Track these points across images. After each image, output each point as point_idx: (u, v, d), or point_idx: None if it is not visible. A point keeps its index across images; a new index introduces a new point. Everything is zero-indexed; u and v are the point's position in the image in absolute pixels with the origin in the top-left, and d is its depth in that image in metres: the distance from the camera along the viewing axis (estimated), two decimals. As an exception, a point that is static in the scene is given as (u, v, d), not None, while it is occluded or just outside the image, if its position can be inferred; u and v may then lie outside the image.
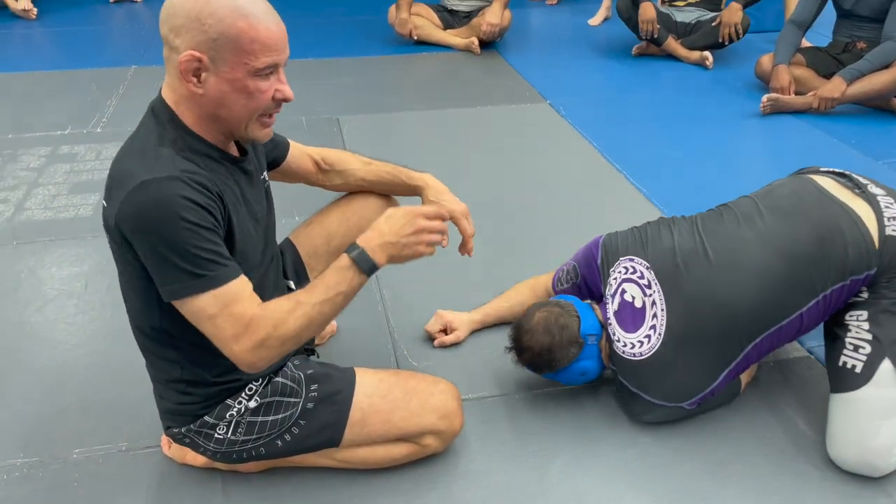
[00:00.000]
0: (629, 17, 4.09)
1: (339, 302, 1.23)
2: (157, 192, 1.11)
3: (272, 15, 1.17)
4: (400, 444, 1.47)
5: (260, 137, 1.25)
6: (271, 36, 1.15)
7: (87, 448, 1.57)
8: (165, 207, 1.11)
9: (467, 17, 4.45)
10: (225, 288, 1.15)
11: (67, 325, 1.97)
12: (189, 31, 1.12)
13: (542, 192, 2.69)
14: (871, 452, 1.47)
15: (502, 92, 3.73)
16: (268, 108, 1.21)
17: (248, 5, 1.14)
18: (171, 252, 1.12)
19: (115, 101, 3.55)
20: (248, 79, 1.16)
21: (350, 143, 3.09)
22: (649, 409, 1.60)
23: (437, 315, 1.93)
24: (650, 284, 1.58)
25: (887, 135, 3.19)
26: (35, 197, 2.65)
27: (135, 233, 1.14)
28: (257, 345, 1.17)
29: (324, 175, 1.64)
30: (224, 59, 1.13)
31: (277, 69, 1.19)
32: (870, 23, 3.30)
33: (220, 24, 1.11)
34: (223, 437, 1.37)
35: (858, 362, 1.49)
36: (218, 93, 1.16)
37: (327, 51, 4.35)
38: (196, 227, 1.13)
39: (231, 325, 1.16)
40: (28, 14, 5.00)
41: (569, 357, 1.60)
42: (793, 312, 1.51)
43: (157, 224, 1.11)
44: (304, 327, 1.20)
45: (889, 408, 1.47)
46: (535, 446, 1.59)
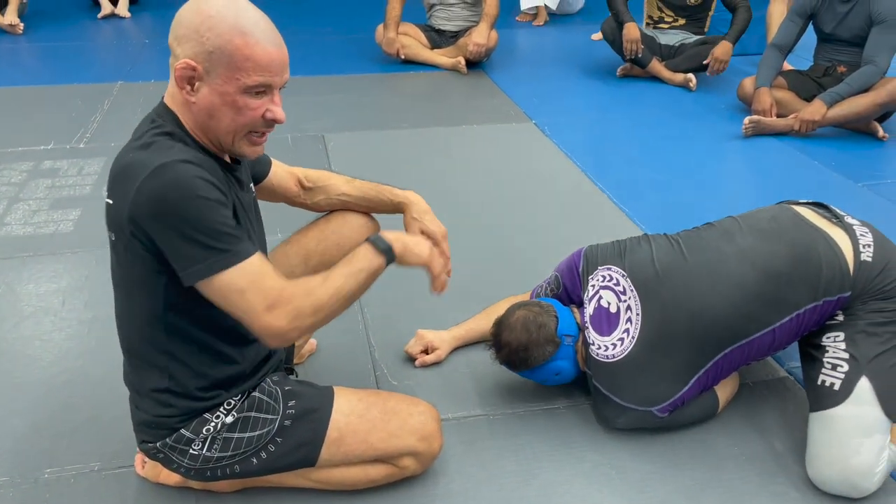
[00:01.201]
0: (613, 39, 4.13)
1: (363, 280, 1.27)
2: (173, 174, 1.14)
3: (273, 37, 1.20)
4: (377, 466, 1.46)
5: (247, 154, 1.28)
6: (267, 57, 1.18)
7: (59, 467, 1.55)
8: (184, 187, 1.13)
9: (454, 37, 4.49)
10: (250, 261, 1.18)
11: (43, 342, 1.95)
12: (189, 41, 1.16)
13: (526, 211, 2.70)
14: (852, 471, 1.47)
15: (488, 111, 3.75)
16: (256, 126, 1.24)
17: (248, 25, 1.17)
18: (194, 231, 1.14)
19: (99, 116, 3.53)
20: (237, 94, 1.18)
21: (335, 160, 3.09)
22: (620, 412, 1.61)
23: (417, 335, 1.92)
24: (625, 291, 1.62)
25: (867, 157, 3.23)
26: (15, 212, 2.63)
27: (154, 218, 1.14)
28: (291, 314, 1.19)
29: (306, 193, 1.64)
30: (217, 73, 1.17)
31: (271, 90, 1.22)
32: (850, 47, 3.35)
33: (218, 38, 1.15)
34: (198, 453, 1.36)
35: (837, 380, 1.51)
36: (208, 103, 1.19)
37: (314, 68, 4.36)
38: (215, 204, 1.16)
39: (263, 297, 1.17)
40: (14, 29, 4.99)
41: (544, 355, 1.62)
42: (765, 327, 1.55)
43: (177, 204, 1.13)
44: (334, 297, 1.23)
45: (869, 426, 1.48)
46: (514, 466, 1.58)
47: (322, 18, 5.70)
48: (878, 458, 1.48)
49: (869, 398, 1.48)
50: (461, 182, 2.94)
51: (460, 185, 2.90)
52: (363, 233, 1.66)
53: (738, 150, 3.33)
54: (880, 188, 2.91)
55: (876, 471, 1.48)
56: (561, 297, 1.80)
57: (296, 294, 1.20)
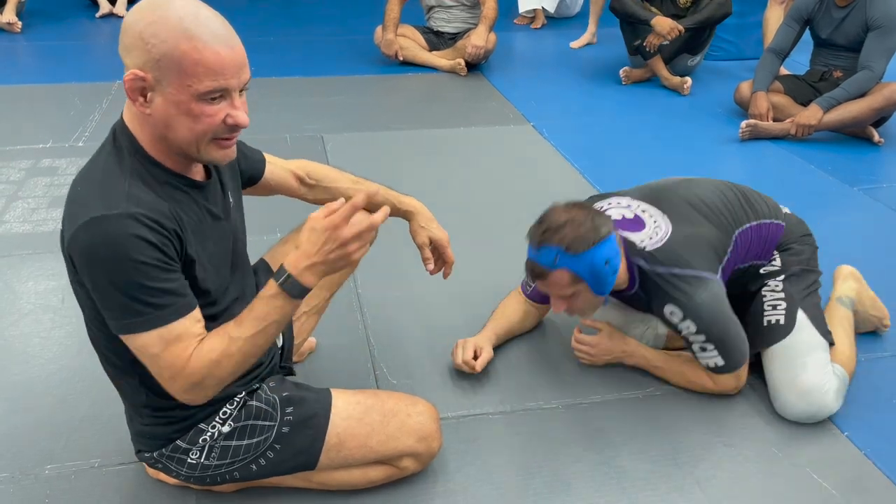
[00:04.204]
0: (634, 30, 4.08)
1: (273, 331, 1.21)
2: (107, 230, 1.09)
3: (224, 37, 1.10)
4: (377, 467, 1.46)
5: (218, 159, 1.19)
6: (219, 60, 1.09)
7: (59, 464, 1.55)
8: (115, 247, 1.09)
9: (453, 39, 4.50)
10: (169, 328, 1.14)
11: (43, 339, 1.95)
12: (135, 50, 1.09)
13: (524, 213, 2.70)
14: (805, 387, 1.67)
15: (486, 113, 3.77)
16: (218, 133, 1.15)
17: (194, 27, 1.08)
18: (117, 290, 1.11)
19: (98, 115, 3.53)
20: (192, 102, 1.10)
21: (334, 160, 3.10)
22: (699, 284, 1.63)
23: (460, 344, 1.85)
24: (631, 205, 1.80)
25: (862, 161, 3.25)
26: (14, 210, 2.63)
27: (84, 267, 1.12)
28: (194, 385, 1.18)
29: (308, 189, 1.61)
30: (168, 80, 1.09)
31: (228, 93, 1.13)
32: (846, 52, 3.38)
33: (164, 45, 1.07)
34: (196, 461, 1.35)
35: (780, 316, 1.75)
36: (164, 114, 1.12)
37: (313, 69, 4.36)
38: (145, 267, 1.10)
39: (170, 366, 1.16)
40: (12, 27, 4.98)
41: (594, 230, 1.56)
42: (747, 221, 1.80)
43: (106, 262, 1.09)
44: (240, 363, 1.20)
45: (810, 345, 1.71)
46: (513, 466, 1.59)
47: (321, 20, 5.70)
48: (824, 372, 1.69)
49: (806, 325, 1.73)
50: (459, 183, 2.95)
51: (458, 187, 2.91)
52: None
53: (735, 154, 3.35)
54: (876, 192, 2.93)
55: (825, 385, 1.67)
56: None
57: (199, 367, 1.16)
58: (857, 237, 2.59)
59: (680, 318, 1.65)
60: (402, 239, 1.73)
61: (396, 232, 1.84)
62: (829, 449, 1.65)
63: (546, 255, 1.57)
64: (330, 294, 1.75)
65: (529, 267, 1.64)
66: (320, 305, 1.74)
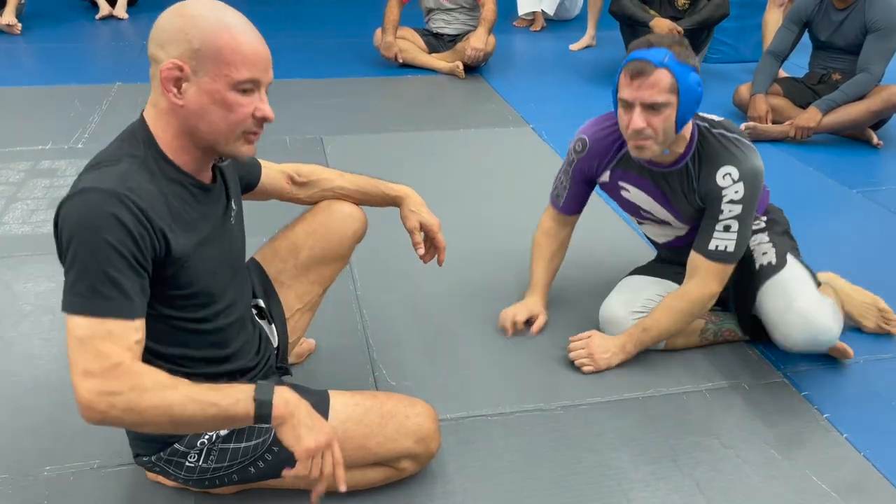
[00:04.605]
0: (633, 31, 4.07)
1: (210, 413, 1.11)
2: (90, 201, 1.09)
3: (257, 35, 1.19)
4: (375, 468, 1.46)
5: (243, 154, 1.24)
6: (254, 51, 1.17)
7: (59, 465, 1.55)
8: (91, 218, 1.08)
9: (452, 42, 4.50)
10: (104, 321, 1.08)
11: (43, 340, 1.95)
12: (173, 43, 1.14)
13: (524, 215, 2.71)
14: (803, 311, 1.70)
15: (486, 116, 3.77)
16: (248, 126, 1.20)
17: (233, 21, 1.16)
18: (75, 262, 1.09)
19: (97, 117, 3.54)
20: (227, 91, 1.16)
21: (333, 162, 3.10)
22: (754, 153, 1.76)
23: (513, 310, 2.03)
24: None
25: (861, 164, 3.26)
26: (13, 211, 2.63)
27: (61, 235, 1.12)
28: (103, 394, 1.06)
29: (299, 188, 1.64)
30: (205, 70, 1.14)
31: (259, 87, 1.19)
32: (845, 55, 3.38)
33: (204, 34, 1.13)
34: (194, 465, 1.35)
35: (771, 258, 1.83)
36: (198, 105, 1.16)
37: (313, 71, 4.37)
38: (110, 250, 1.08)
39: (90, 358, 1.07)
40: (12, 29, 4.98)
41: (692, 60, 1.67)
42: None
43: (78, 231, 1.08)
44: (160, 411, 1.08)
45: (802, 277, 1.79)
46: (511, 467, 1.59)
47: (320, 22, 5.71)
48: (819, 297, 1.74)
49: (796, 262, 1.83)
50: (459, 185, 2.95)
51: (458, 189, 2.92)
52: (350, 223, 1.67)
53: (734, 156, 3.35)
54: (875, 194, 2.94)
55: (822, 307, 1.72)
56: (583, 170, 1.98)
57: (122, 378, 1.07)
58: (855, 239, 2.59)
59: (733, 181, 1.72)
60: (402, 241, 1.73)
61: (395, 234, 1.84)
62: (829, 451, 1.65)
63: (657, 54, 1.64)
64: (322, 290, 1.75)
65: (634, 65, 1.65)
66: (313, 301, 1.73)
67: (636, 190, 1.91)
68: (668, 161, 1.80)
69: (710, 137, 1.78)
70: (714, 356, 1.95)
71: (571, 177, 2.00)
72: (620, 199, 1.98)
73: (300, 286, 1.68)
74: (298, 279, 1.67)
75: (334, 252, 1.68)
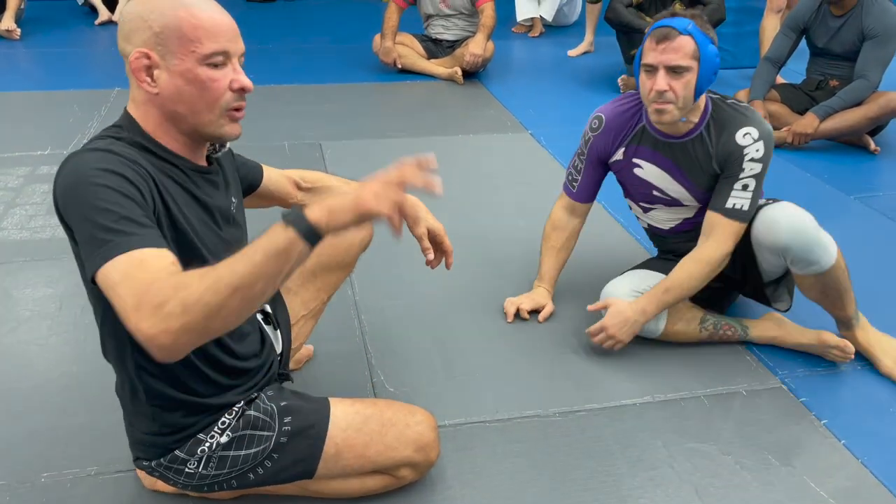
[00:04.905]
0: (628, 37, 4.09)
1: (258, 260, 1.00)
2: (77, 161, 1.11)
3: (217, 6, 1.18)
4: (374, 476, 1.46)
5: (228, 133, 1.22)
6: (215, 23, 1.16)
7: (56, 472, 1.55)
8: (79, 174, 1.09)
9: (451, 47, 4.52)
10: (131, 254, 1.02)
11: (40, 346, 1.95)
12: (135, 32, 1.15)
13: (522, 221, 2.72)
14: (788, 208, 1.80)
15: (484, 121, 3.78)
16: (228, 101, 1.19)
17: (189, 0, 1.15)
18: (83, 220, 1.06)
19: (96, 122, 3.54)
20: (198, 68, 1.15)
21: (332, 168, 3.11)
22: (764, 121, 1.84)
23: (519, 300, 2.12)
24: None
25: (859, 170, 3.26)
26: (12, 217, 2.63)
27: (61, 206, 1.11)
28: (155, 310, 0.97)
29: (304, 194, 1.64)
30: (172, 52, 1.14)
31: (230, 58, 1.18)
32: (842, 61, 3.39)
33: (162, 17, 1.14)
34: (194, 471, 1.35)
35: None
36: (173, 88, 1.16)
37: (312, 77, 4.38)
38: (106, 189, 1.07)
39: (131, 292, 0.99)
40: (11, 34, 4.99)
41: (712, 33, 1.78)
42: None
43: (72, 191, 1.08)
44: (212, 288, 0.98)
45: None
46: (510, 474, 1.59)
47: (319, 28, 5.72)
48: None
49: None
50: (457, 191, 2.95)
51: (456, 194, 2.92)
52: (357, 232, 1.66)
53: (732, 162, 3.35)
54: (872, 201, 2.94)
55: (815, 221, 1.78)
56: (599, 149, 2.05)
57: (163, 287, 0.98)
58: (852, 245, 2.59)
59: (754, 140, 1.80)
60: (400, 247, 1.73)
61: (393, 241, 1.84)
62: (827, 457, 1.65)
63: (681, 22, 1.76)
64: (327, 297, 1.75)
65: (660, 31, 1.76)
66: (317, 309, 1.74)
67: (650, 165, 1.95)
68: (683, 131, 1.87)
69: (722, 105, 1.87)
70: (711, 361, 1.95)
71: (587, 157, 2.07)
72: (633, 180, 2.01)
73: (306, 293, 1.68)
74: (305, 286, 1.68)
75: (341, 260, 1.69)
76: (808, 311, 2.01)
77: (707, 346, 2.00)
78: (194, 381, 1.31)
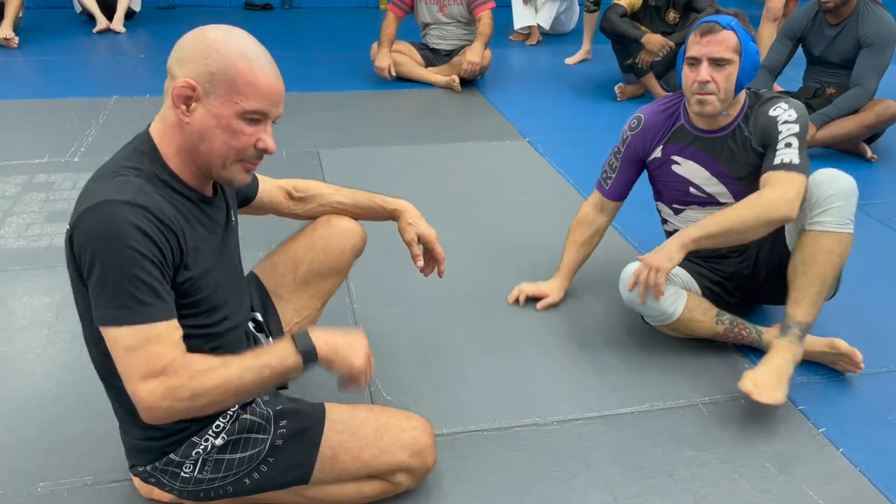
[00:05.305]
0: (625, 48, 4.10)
1: (266, 377, 1.20)
2: (111, 213, 1.12)
3: (274, 69, 1.22)
4: (371, 482, 1.46)
5: (238, 180, 1.27)
6: (268, 85, 1.20)
7: (53, 482, 1.54)
8: (114, 228, 1.12)
9: (448, 56, 4.53)
10: (150, 326, 1.13)
11: (37, 355, 1.94)
12: (191, 62, 1.18)
13: (520, 229, 2.72)
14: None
15: (482, 129, 3.78)
16: (247, 155, 1.23)
17: (253, 53, 1.20)
18: (107, 275, 1.12)
19: (94, 130, 3.54)
20: (233, 118, 1.19)
21: (330, 175, 3.11)
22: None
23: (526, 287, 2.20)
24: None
25: (856, 178, 3.17)
26: (9, 225, 2.63)
27: (82, 249, 1.14)
28: (166, 391, 1.13)
29: (296, 203, 1.66)
30: (217, 94, 1.17)
31: (266, 119, 1.23)
32: (838, 69, 3.41)
33: (223, 60, 1.17)
34: (189, 475, 1.35)
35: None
36: (202, 125, 1.19)
37: (309, 85, 4.38)
38: (139, 257, 1.12)
39: (144, 363, 1.12)
40: (9, 43, 4.99)
41: (751, 28, 1.86)
42: None
43: (103, 242, 1.12)
44: (222, 388, 1.16)
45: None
46: (507, 482, 1.59)
47: (317, 36, 5.74)
48: None
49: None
50: (455, 198, 2.96)
51: (454, 202, 2.92)
52: (349, 238, 1.69)
53: (729, 170, 3.36)
54: (869, 208, 2.95)
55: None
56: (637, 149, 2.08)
57: (179, 372, 1.13)
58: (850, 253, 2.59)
59: (785, 109, 1.85)
60: (397, 255, 1.74)
61: (392, 248, 1.84)
62: (825, 465, 1.65)
63: (724, 18, 1.84)
64: (321, 304, 1.76)
65: (705, 25, 1.84)
66: (312, 316, 1.74)
67: (687, 161, 2.00)
68: (721, 125, 1.93)
69: (758, 98, 1.92)
70: (709, 369, 1.95)
71: (623, 156, 2.11)
72: (669, 178, 2.05)
73: (299, 300, 1.69)
74: (297, 293, 1.68)
75: (333, 267, 1.69)
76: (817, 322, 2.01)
77: (705, 353, 1.99)
78: None
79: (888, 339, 2.04)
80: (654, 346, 2.01)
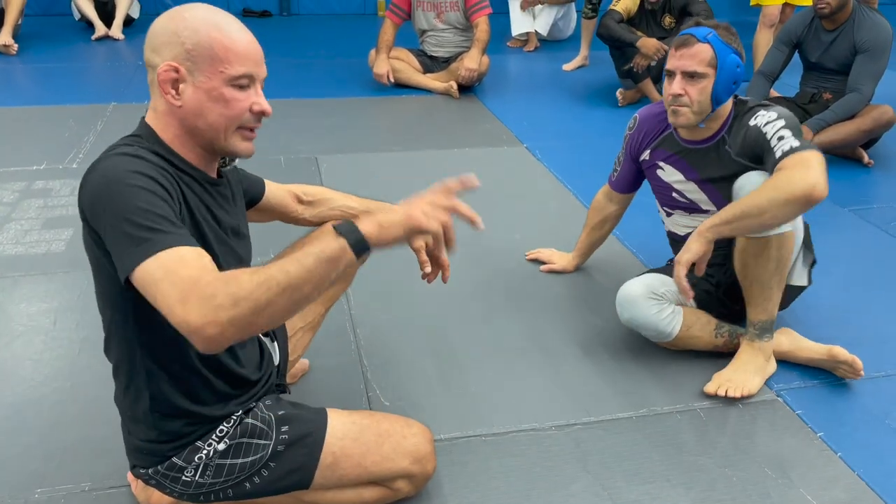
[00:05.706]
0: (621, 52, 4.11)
1: (310, 265, 1.07)
2: (108, 164, 1.14)
3: (247, 32, 1.23)
4: (371, 488, 1.45)
5: (241, 150, 1.26)
6: (246, 47, 1.20)
7: (50, 488, 1.54)
8: (113, 174, 1.12)
9: (446, 62, 4.54)
10: (172, 251, 1.06)
11: (34, 361, 1.94)
12: (167, 46, 1.18)
13: (518, 235, 2.72)
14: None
15: (480, 135, 3.79)
16: (246, 121, 1.23)
17: (223, 21, 1.20)
18: (121, 220, 1.08)
19: (92, 137, 3.54)
20: (223, 87, 1.19)
21: (328, 182, 3.11)
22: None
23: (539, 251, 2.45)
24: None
25: (853, 183, 3.28)
26: (7, 232, 2.63)
27: (91, 208, 1.13)
28: (204, 302, 1.01)
29: (305, 206, 1.66)
30: (200, 69, 1.18)
31: (254, 82, 1.23)
32: (835, 75, 3.42)
33: (196, 34, 1.17)
34: (191, 479, 1.35)
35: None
36: (196, 103, 1.19)
37: (308, 91, 4.39)
38: (141, 190, 1.10)
39: (176, 286, 1.03)
40: (8, 50, 5.00)
41: (735, 44, 1.85)
42: None
43: (105, 190, 1.11)
44: (264, 286, 1.04)
45: None
46: (506, 488, 1.58)
47: (315, 42, 5.75)
48: None
49: None
50: (453, 204, 2.96)
51: (452, 208, 2.92)
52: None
53: (727, 175, 3.37)
54: (866, 213, 2.96)
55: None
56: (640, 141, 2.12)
57: (213, 282, 1.03)
58: (847, 258, 2.60)
59: (764, 113, 1.83)
60: (395, 261, 1.74)
61: (389, 255, 1.84)
62: (823, 470, 1.65)
63: (701, 31, 1.84)
64: (325, 310, 1.76)
65: (680, 38, 1.85)
66: (315, 321, 1.74)
67: (670, 168, 2.04)
68: (703, 136, 1.95)
69: (743, 108, 1.91)
70: (707, 374, 1.94)
71: (625, 152, 2.19)
72: (657, 181, 2.11)
73: None
74: None
75: None
76: (814, 326, 2.02)
77: (703, 359, 1.99)
78: (201, 388, 1.32)
79: (886, 343, 2.04)
80: (651, 352, 2.01)
